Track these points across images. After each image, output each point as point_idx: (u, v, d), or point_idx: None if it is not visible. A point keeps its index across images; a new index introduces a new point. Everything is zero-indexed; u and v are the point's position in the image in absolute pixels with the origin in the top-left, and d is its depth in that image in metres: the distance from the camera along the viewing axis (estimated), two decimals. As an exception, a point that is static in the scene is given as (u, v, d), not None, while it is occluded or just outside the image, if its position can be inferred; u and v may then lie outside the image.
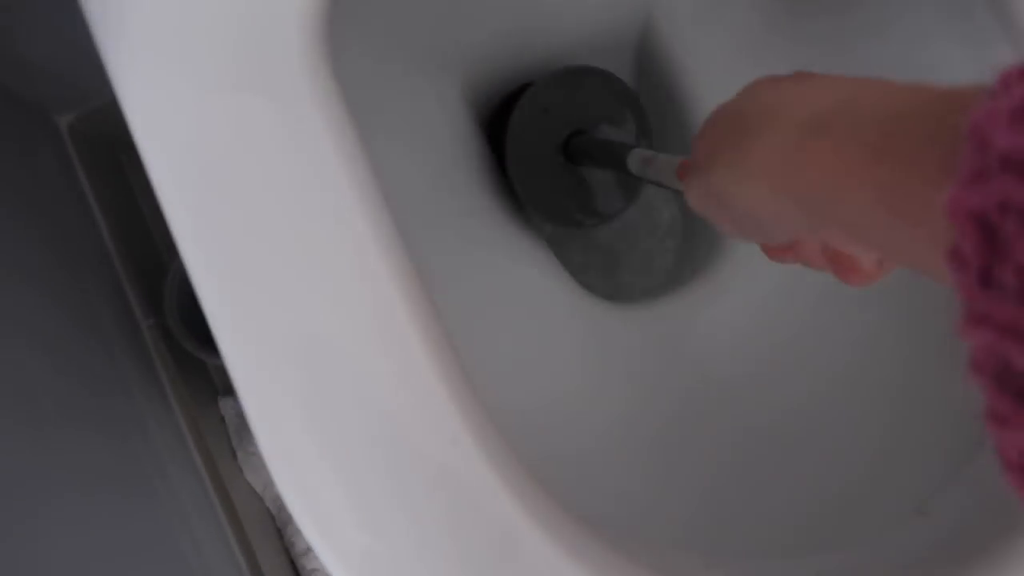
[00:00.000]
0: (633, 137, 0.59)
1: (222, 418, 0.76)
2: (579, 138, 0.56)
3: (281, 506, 0.79)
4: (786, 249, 0.29)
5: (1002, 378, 0.15)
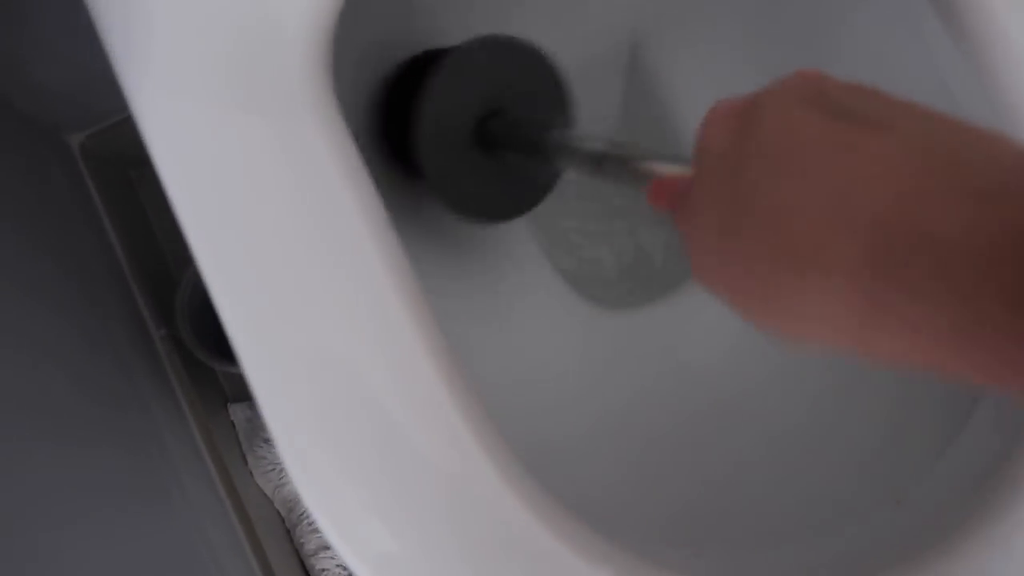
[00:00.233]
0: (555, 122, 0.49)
1: (232, 424, 0.79)
2: (497, 119, 0.48)
3: (291, 508, 0.81)
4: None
5: None
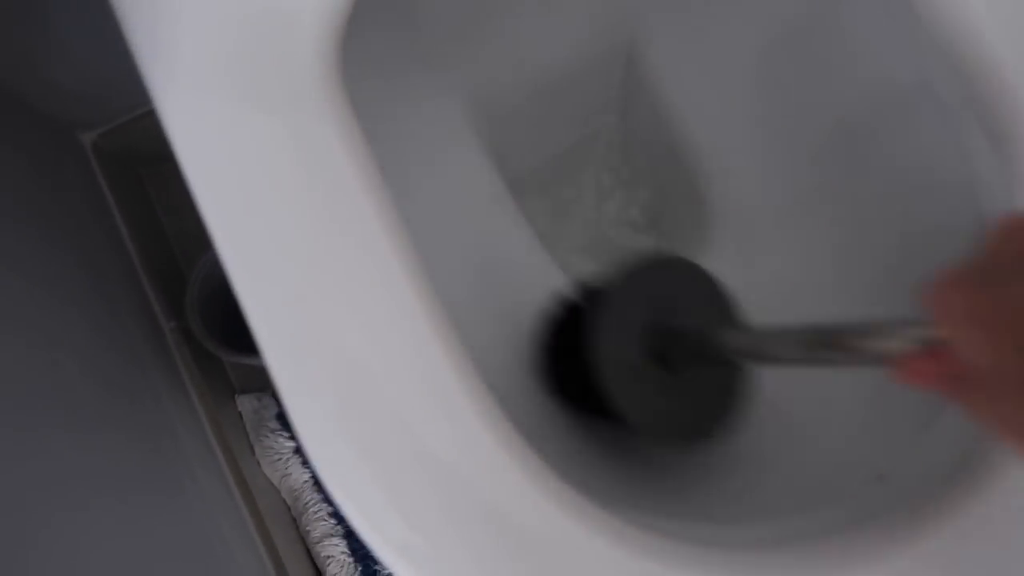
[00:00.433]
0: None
1: (239, 415, 0.80)
2: (671, 339, 0.45)
3: (296, 497, 0.83)
4: None
5: None
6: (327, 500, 0.82)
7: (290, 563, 0.76)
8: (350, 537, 0.82)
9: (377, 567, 0.83)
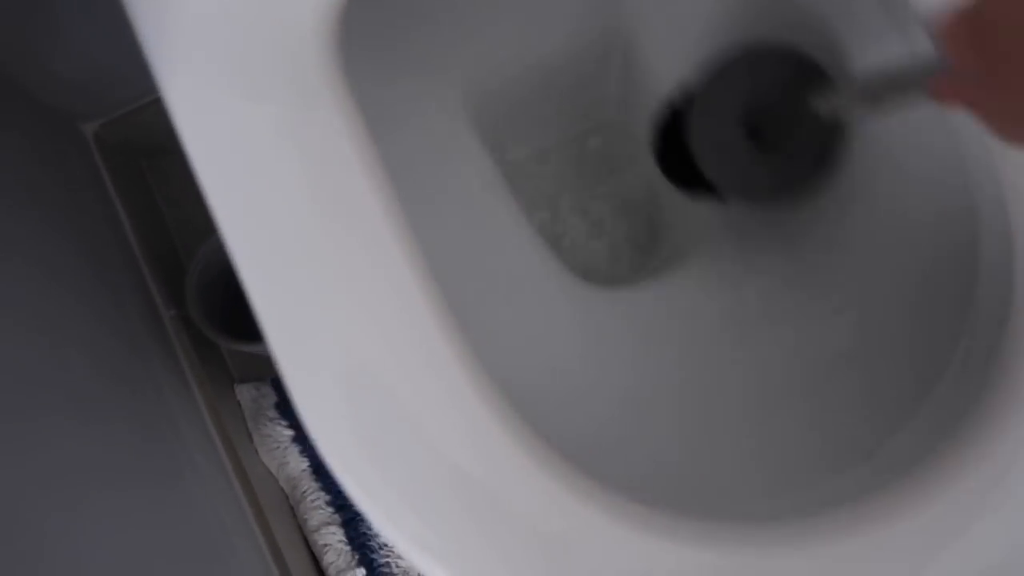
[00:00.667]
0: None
1: (238, 403, 0.81)
2: (762, 115, 0.52)
3: (294, 486, 0.83)
4: None
5: None
6: (325, 488, 0.83)
7: (288, 551, 0.77)
8: (347, 525, 0.83)
9: (374, 556, 0.84)
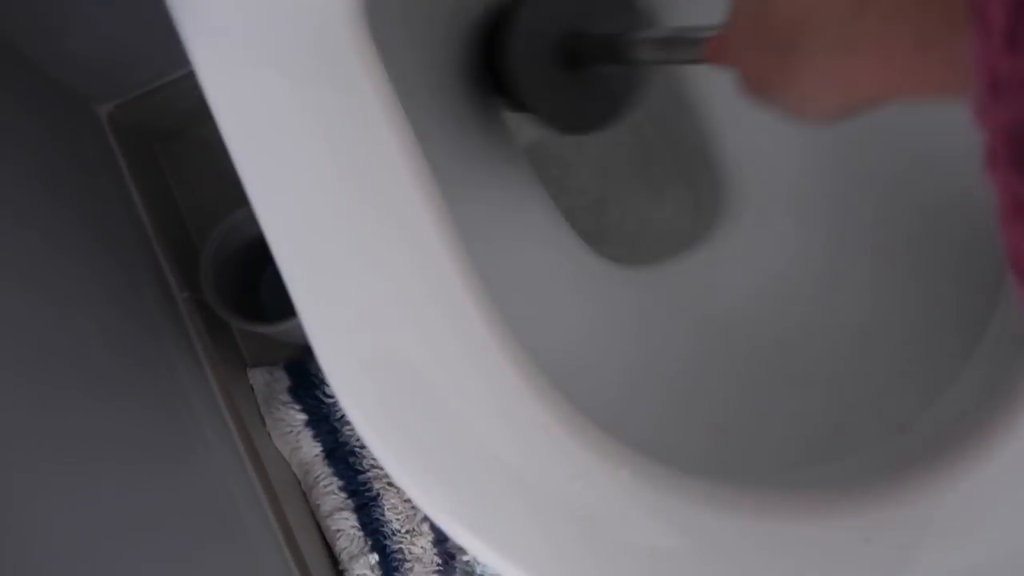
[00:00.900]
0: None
1: (251, 387, 0.81)
2: (578, 39, 0.54)
3: (307, 471, 0.83)
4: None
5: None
6: (337, 474, 0.83)
7: (301, 535, 0.77)
8: (360, 511, 0.83)
9: (387, 542, 0.84)
